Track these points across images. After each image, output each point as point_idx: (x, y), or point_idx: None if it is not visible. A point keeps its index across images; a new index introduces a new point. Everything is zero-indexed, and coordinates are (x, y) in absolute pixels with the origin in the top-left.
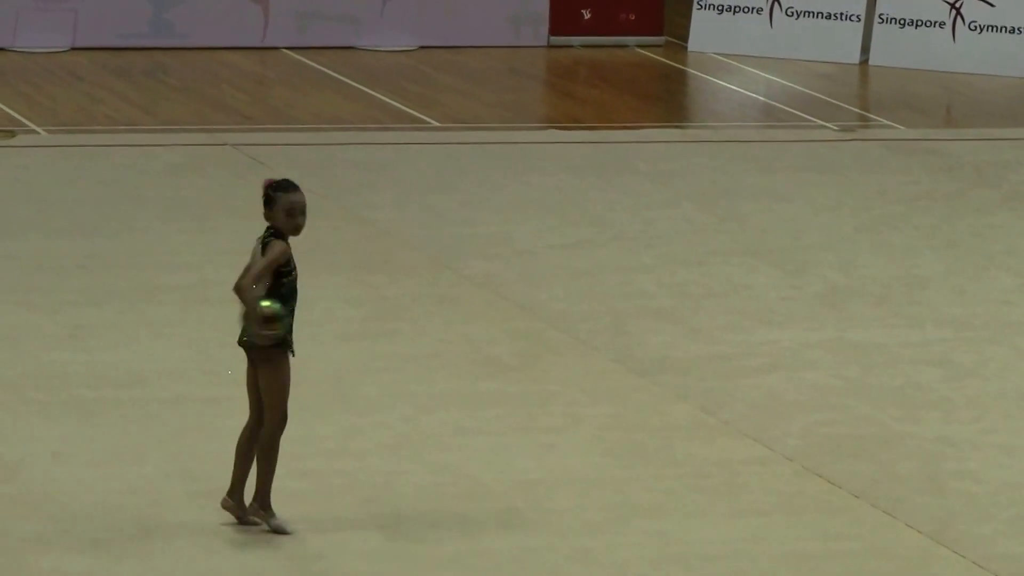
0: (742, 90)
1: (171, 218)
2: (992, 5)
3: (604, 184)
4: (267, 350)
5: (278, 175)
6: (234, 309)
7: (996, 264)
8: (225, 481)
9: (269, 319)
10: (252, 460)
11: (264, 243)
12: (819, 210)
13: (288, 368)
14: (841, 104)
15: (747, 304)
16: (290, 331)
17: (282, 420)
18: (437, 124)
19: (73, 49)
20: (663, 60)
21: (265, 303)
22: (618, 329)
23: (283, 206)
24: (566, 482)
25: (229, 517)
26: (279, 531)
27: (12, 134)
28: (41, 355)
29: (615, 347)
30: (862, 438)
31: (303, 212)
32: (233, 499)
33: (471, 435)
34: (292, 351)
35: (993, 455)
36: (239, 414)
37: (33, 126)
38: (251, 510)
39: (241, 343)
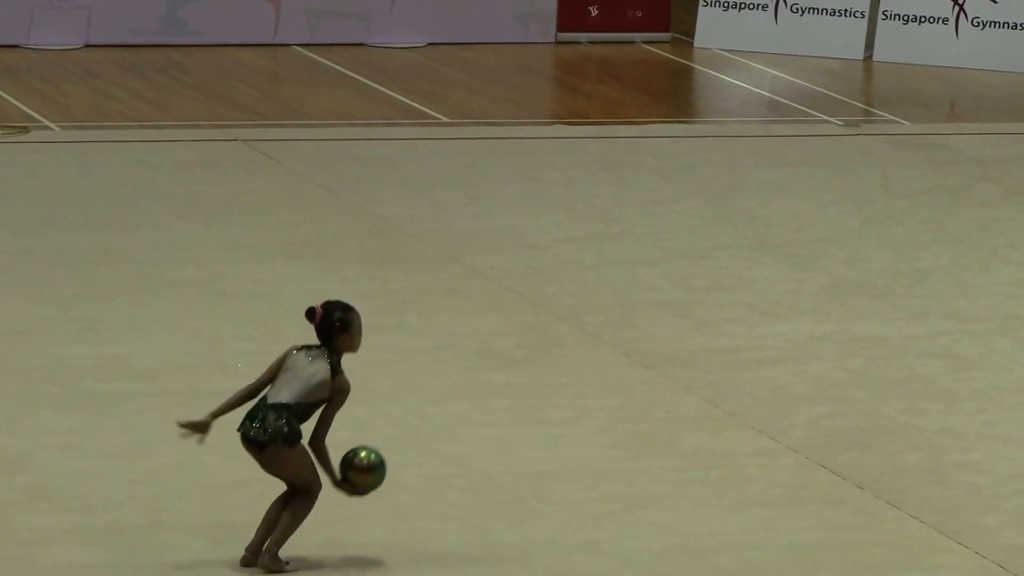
0: (748, 86)
1: (183, 213)
2: (995, 1)
3: (611, 179)
4: (282, 445)
5: (289, 172)
6: (244, 301)
7: (999, 258)
8: (236, 472)
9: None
10: (275, 525)
11: (334, 371)
12: (824, 204)
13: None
14: (846, 100)
15: (753, 297)
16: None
17: (318, 488)
18: (446, 120)
19: (87, 46)
20: (669, 56)
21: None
22: (625, 322)
23: (358, 326)
24: (573, 474)
25: (240, 511)
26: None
27: (26, 130)
28: (53, 348)
29: (622, 340)
30: (866, 430)
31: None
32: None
33: (479, 427)
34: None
35: (997, 446)
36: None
37: (47, 122)
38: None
39: (249, 439)
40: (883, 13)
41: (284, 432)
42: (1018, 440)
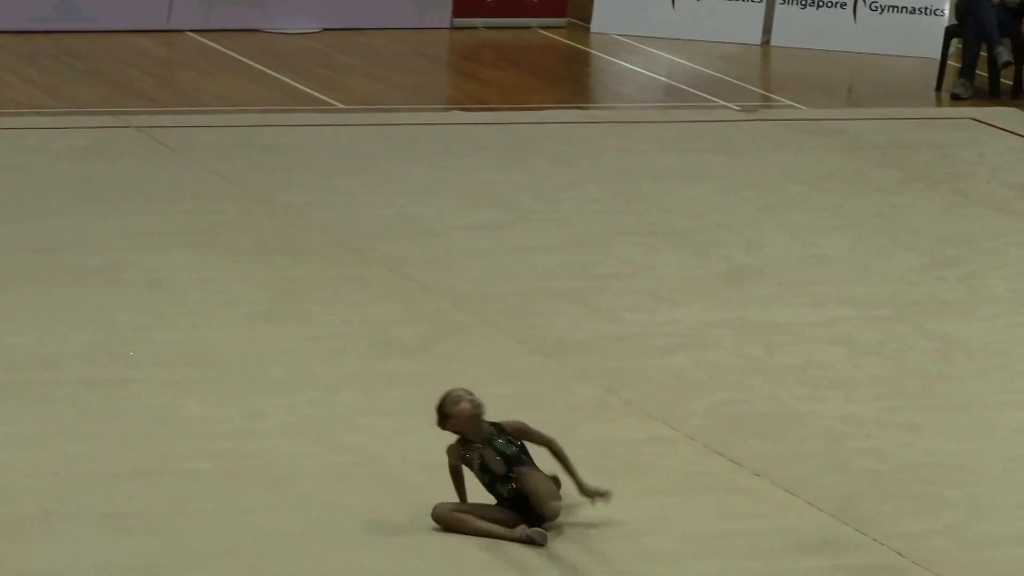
0: (645, 71)
1: (79, 201)
2: None
3: (509, 165)
4: None
5: (184, 159)
6: (141, 290)
7: (899, 243)
8: (131, 463)
9: None
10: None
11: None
12: (722, 190)
13: None
14: (744, 85)
15: (651, 284)
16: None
17: None
18: (342, 106)
19: None
20: (566, 42)
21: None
22: (523, 309)
23: (452, 403)
24: None
25: (135, 501)
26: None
27: None
28: None
29: (520, 327)
30: (765, 417)
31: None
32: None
33: (376, 416)
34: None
35: (896, 433)
36: (143, 396)
37: None
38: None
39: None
40: None
41: None
42: (917, 427)
